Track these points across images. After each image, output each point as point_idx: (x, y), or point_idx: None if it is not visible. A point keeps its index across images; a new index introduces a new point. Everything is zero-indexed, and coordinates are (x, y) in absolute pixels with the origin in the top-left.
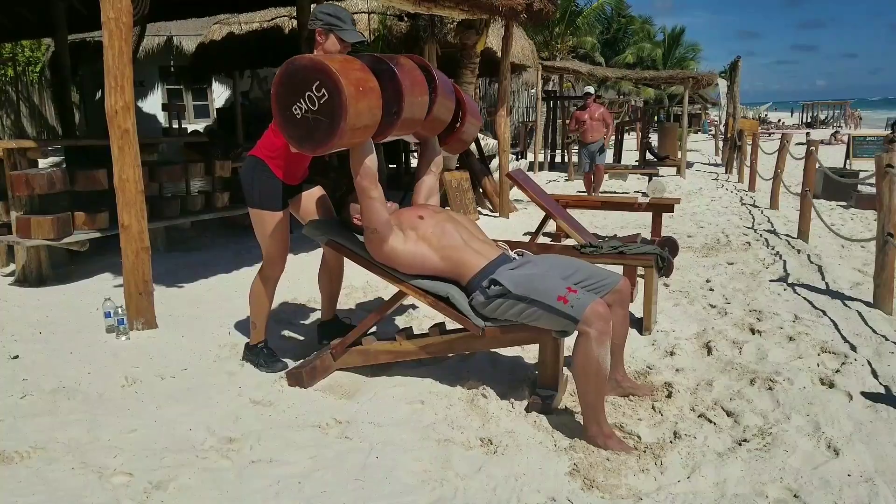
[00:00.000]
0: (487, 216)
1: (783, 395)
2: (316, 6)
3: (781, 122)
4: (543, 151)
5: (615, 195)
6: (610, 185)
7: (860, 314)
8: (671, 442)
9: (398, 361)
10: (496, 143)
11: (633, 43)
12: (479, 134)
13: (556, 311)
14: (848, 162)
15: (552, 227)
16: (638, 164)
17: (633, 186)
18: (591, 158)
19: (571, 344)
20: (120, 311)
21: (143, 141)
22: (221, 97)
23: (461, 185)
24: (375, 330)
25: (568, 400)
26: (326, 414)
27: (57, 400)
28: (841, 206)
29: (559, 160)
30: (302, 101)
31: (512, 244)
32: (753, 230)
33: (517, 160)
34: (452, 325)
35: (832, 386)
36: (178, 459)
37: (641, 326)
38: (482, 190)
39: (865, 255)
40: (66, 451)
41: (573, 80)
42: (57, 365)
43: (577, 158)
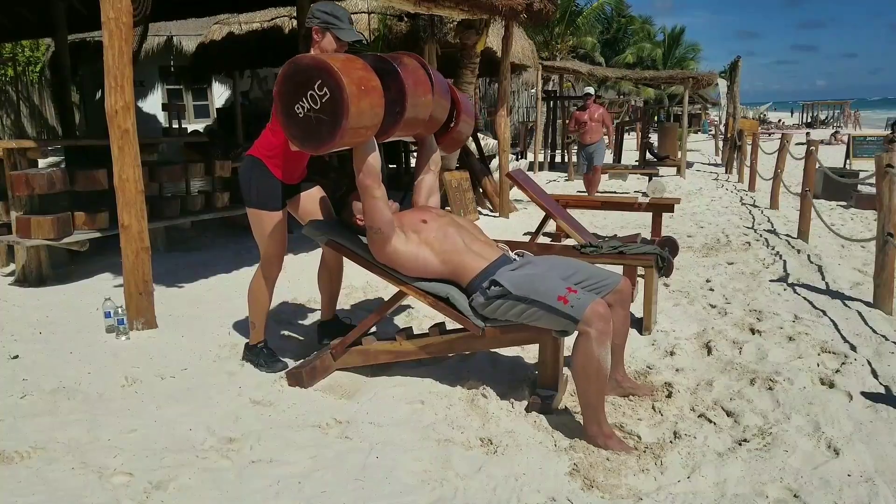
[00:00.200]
0: (487, 216)
1: (783, 395)
2: (314, 4)
3: (781, 122)
4: (543, 151)
5: (615, 195)
6: (610, 185)
7: (860, 314)
8: (671, 442)
9: (398, 361)
10: (496, 143)
11: (633, 43)
12: (479, 134)
13: (556, 311)
14: (848, 162)
15: (552, 227)
16: (638, 164)
17: (633, 186)
18: (588, 160)
19: (571, 344)
20: (120, 311)
21: (143, 141)
22: (221, 97)
23: (461, 185)
24: (375, 330)
25: (568, 400)
26: (326, 414)
27: (57, 400)
28: (841, 206)
29: (559, 160)
30: (304, 99)
31: (512, 244)
32: (753, 230)
33: (517, 160)
34: (452, 325)
35: (832, 386)
36: (178, 459)
37: (641, 326)
38: (482, 190)
39: (865, 255)
40: (66, 451)
41: (573, 80)
42: (57, 365)
43: (576, 159)
